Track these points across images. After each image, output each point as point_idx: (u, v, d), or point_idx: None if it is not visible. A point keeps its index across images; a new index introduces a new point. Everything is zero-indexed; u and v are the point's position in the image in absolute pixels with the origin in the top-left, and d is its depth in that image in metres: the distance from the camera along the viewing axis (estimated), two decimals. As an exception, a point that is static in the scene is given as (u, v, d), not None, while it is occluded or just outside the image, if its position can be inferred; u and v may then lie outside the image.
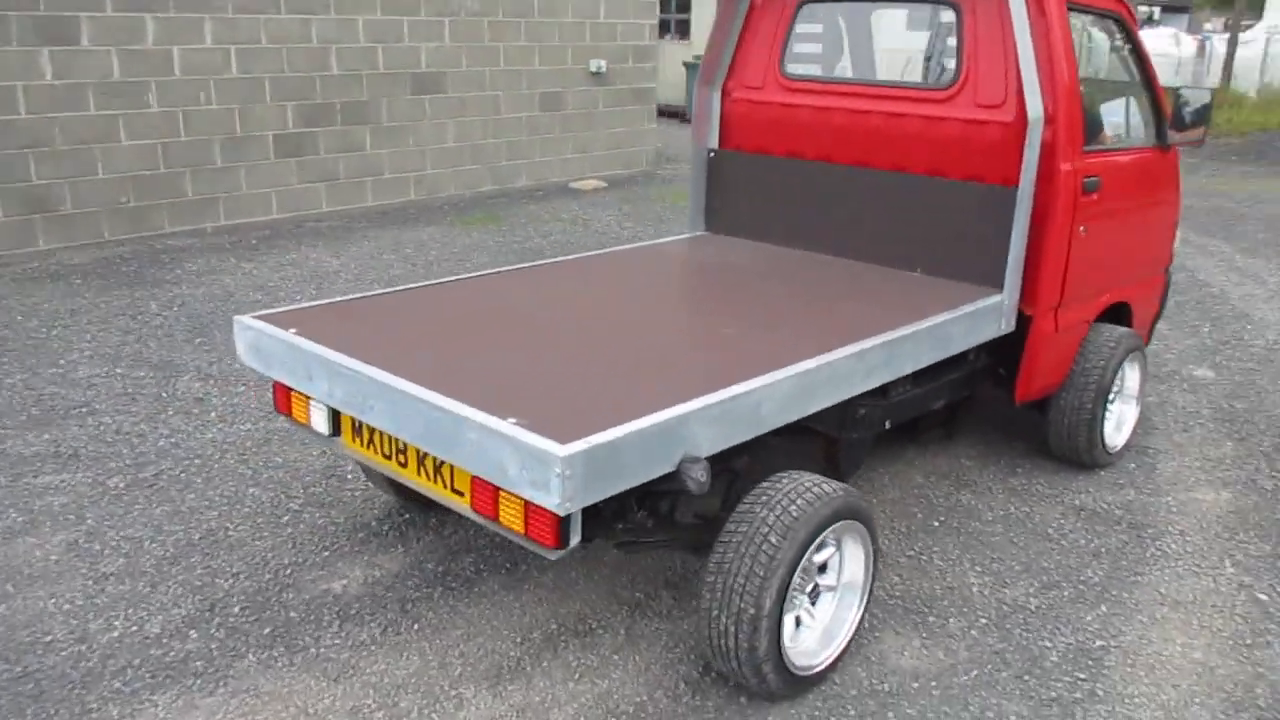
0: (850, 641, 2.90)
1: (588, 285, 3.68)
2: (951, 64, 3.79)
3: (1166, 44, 17.90)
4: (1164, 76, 17.80)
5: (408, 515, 3.75)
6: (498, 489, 2.45)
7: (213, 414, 4.64)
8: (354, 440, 2.95)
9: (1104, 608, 3.23)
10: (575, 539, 2.39)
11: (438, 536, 3.61)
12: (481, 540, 3.58)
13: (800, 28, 4.11)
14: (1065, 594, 3.31)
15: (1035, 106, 3.42)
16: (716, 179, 4.39)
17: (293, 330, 2.97)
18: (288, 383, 2.97)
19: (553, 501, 2.22)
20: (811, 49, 4.18)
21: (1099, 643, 3.05)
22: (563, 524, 2.35)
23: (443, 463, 2.67)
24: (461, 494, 2.64)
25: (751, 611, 2.54)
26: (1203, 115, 4.08)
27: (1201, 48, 17.96)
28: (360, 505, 3.83)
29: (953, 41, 3.77)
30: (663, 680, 2.85)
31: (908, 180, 3.80)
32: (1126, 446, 4.26)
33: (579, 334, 3.15)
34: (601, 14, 11.21)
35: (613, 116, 11.63)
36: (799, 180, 4.13)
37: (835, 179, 4.02)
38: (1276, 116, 14.67)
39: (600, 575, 3.36)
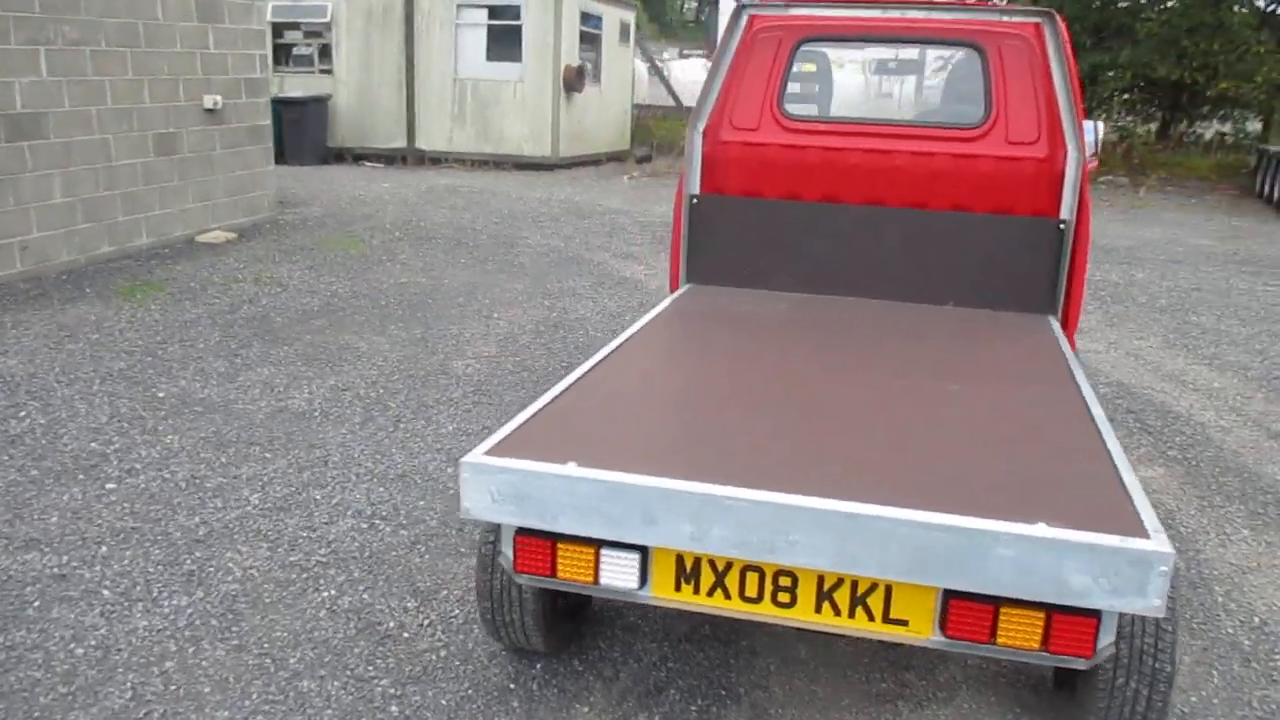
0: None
1: (722, 355, 3.29)
2: (962, 102, 3.95)
3: (699, 72, 19.97)
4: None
5: (538, 664, 3.04)
6: (998, 608, 2.11)
7: (104, 592, 3.36)
8: (682, 589, 2.33)
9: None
10: (1109, 639, 2.14)
11: (598, 678, 2.97)
12: (656, 671, 3.01)
13: (798, 67, 4.00)
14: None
15: (1077, 144, 3.69)
16: (703, 228, 4.11)
17: (571, 463, 2.26)
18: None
19: (1151, 605, 1.97)
20: (809, 88, 4.09)
21: None
22: (1100, 626, 2.09)
23: (870, 592, 2.22)
24: (904, 623, 2.22)
25: (1168, 669, 2.46)
26: (1094, 145, 4.66)
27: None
28: (461, 665, 3.02)
29: (970, 82, 3.92)
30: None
31: (943, 217, 3.88)
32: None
33: (846, 407, 2.81)
34: (211, 43, 9.82)
35: (231, 159, 10.25)
36: (807, 223, 4.02)
37: (851, 220, 3.97)
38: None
39: (823, 674, 3.01)
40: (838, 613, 2.25)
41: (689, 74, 20.00)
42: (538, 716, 2.80)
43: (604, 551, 2.29)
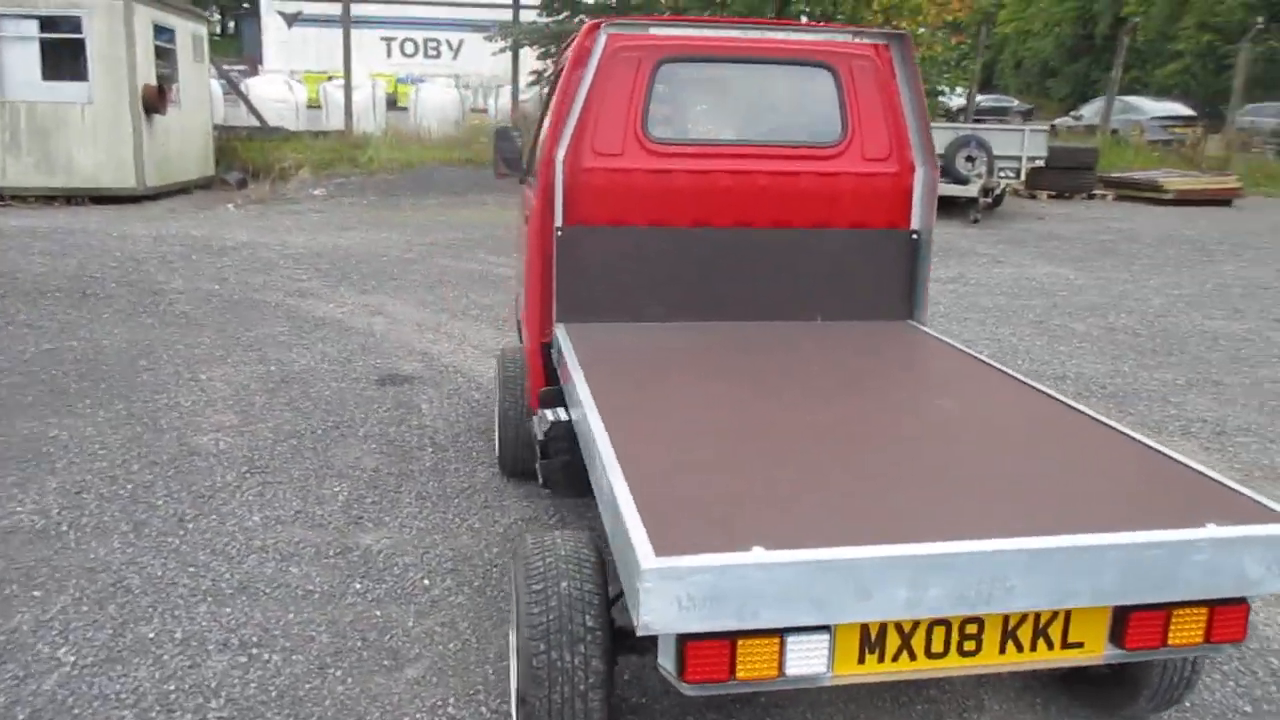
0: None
1: (700, 398, 3.07)
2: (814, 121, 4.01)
3: (281, 90, 18.57)
4: (288, 121, 18.52)
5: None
6: (1169, 612, 2.17)
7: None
8: (865, 660, 2.13)
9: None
10: (1249, 618, 2.28)
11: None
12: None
13: (659, 89, 3.81)
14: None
15: (924, 158, 3.93)
16: (571, 263, 3.80)
17: (756, 548, 1.98)
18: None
19: None
20: (669, 111, 3.90)
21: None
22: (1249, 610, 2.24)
23: (1050, 622, 2.18)
24: (1079, 645, 2.21)
25: None
26: None
27: (318, 94, 19.12)
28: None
29: (823, 102, 3.96)
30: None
31: (807, 234, 3.92)
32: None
33: (890, 441, 2.76)
34: None
35: None
36: (677, 250, 3.86)
37: (720, 243, 3.88)
38: (406, 154, 16.58)
39: (856, 711, 2.93)
40: (1020, 649, 2.19)
41: (270, 91, 18.60)
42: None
43: (790, 639, 2.04)
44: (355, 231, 11.78)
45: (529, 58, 18.14)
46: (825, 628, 2.05)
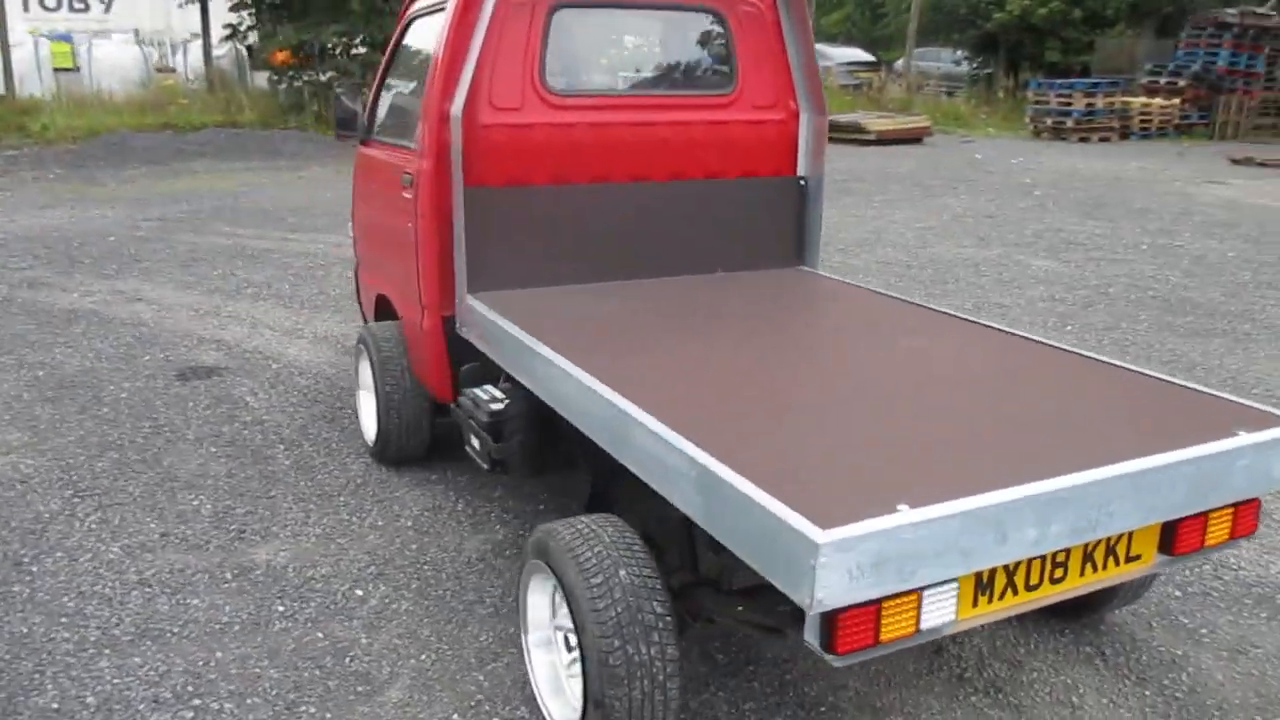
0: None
1: (691, 359, 2.93)
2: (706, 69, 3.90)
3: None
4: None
5: None
6: (1207, 516, 2.35)
7: None
8: (979, 603, 2.14)
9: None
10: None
11: None
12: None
13: (554, 38, 3.53)
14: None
15: (809, 104, 3.96)
16: (477, 228, 3.48)
17: (903, 507, 1.91)
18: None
19: None
20: (566, 61, 3.62)
21: None
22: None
23: (1118, 541, 2.29)
24: (1138, 558, 2.34)
25: None
26: None
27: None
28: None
29: (714, 50, 3.85)
30: None
31: (704, 185, 3.83)
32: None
33: (903, 387, 2.76)
34: None
35: None
36: (582, 208, 3.65)
37: (623, 199, 3.71)
38: (88, 120, 14.65)
39: (905, 684, 2.95)
40: (1096, 569, 2.29)
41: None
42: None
43: (926, 594, 2.01)
44: (59, 210, 10.34)
45: (220, 9, 16.55)
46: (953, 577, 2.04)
